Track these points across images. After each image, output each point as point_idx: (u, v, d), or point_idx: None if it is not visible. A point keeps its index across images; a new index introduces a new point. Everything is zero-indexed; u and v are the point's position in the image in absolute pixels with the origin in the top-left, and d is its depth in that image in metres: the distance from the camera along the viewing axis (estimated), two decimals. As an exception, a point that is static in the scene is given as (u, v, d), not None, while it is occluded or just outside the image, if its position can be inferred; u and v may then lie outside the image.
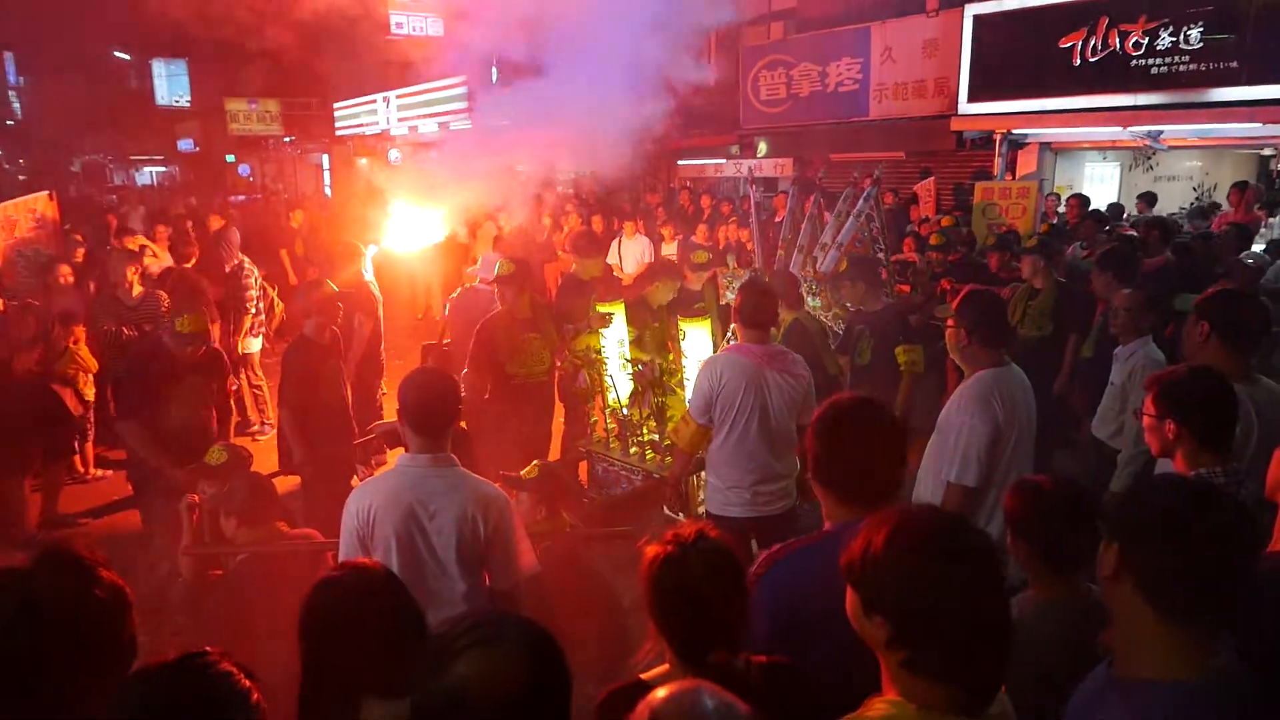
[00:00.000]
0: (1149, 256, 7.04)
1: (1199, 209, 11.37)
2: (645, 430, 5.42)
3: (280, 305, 8.30)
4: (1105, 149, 13.10)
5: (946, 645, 1.39)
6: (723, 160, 16.57)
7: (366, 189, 11.08)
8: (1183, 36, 9.65)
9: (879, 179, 6.81)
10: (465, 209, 8.15)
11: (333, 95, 25.49)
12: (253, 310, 7.72)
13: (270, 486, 3.53)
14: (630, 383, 5.53)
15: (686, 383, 5.21)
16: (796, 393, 3.86)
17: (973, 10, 11.59)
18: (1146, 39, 9.91)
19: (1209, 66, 9.53)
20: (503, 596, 2.83)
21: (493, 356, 5.32)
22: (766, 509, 3.88)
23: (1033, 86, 11.13)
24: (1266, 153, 11.61)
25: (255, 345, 7.83)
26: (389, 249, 7.87)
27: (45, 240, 7.81)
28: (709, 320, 5.40)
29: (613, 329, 5.65)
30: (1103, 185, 13.40)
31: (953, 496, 3.19)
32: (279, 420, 5.19)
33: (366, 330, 6.68)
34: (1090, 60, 10.43)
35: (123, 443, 5.16)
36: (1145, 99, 10.06)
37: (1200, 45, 9.54)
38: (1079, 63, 10.52)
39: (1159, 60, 9.89)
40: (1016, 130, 12.06)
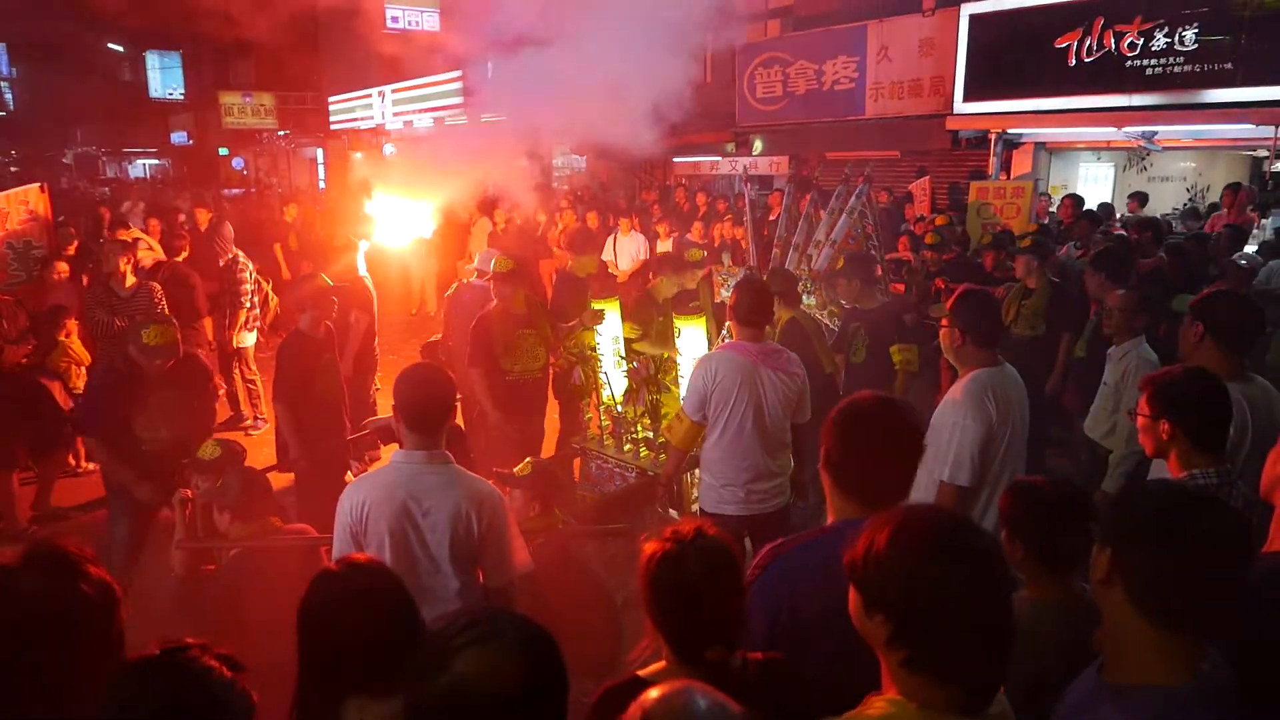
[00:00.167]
0: (1142, 257, 7.06)
1: (1191, 210, 11.42)
2: (639, 427, 5.41)
3: (275, 299, 8.28)
4: (1100, 149, 13.13)
5: (947, 644, 1.39)
6: (718, 158, 16.56)
7: (358, 183, 11.02)
8: (1178, 37, 9.66)
9: (870, 176, 6.82)
10: (465, 191, 8.08)
11: (328, 89, 25.44)
12: (247, 304, 7.70)
13: (264, 482, 3.53)
14: (625, 379, 5.52)
15: (681, 380, 5.20)
16: (791, 391, 3.86)
17: (969, 10, 11.60)
18: (1142, 40, 9.92)
19: (1204, 68, 9.55)
20: (496, 594, 2.82)
21: (488, 353, 5.32)
22: (760, 507, 3.87)
23: (1028, 86, 11.14)
24: (1260, 154, 11.64)
25: (250, 339, 7.82)
26: (381, 244, 7.84)
27: (36, 233, 7.77)
28: (704, 318, 5.40)
29: (607, 326, 5.64)
30: (1097, 185, 13.43)
31: (945, 496, 3.19)
32: (275, 415, 5.16)
33: (362, 326, 6.67)
34: (1085, 60, 10.44)
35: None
36: (1140, 99, 10.08)
37: (1195, 46, 9.55)
38: (1074, 63, 10.53)
39: (1154, 61, 9.91)
40: (1012, 130, 12.08)
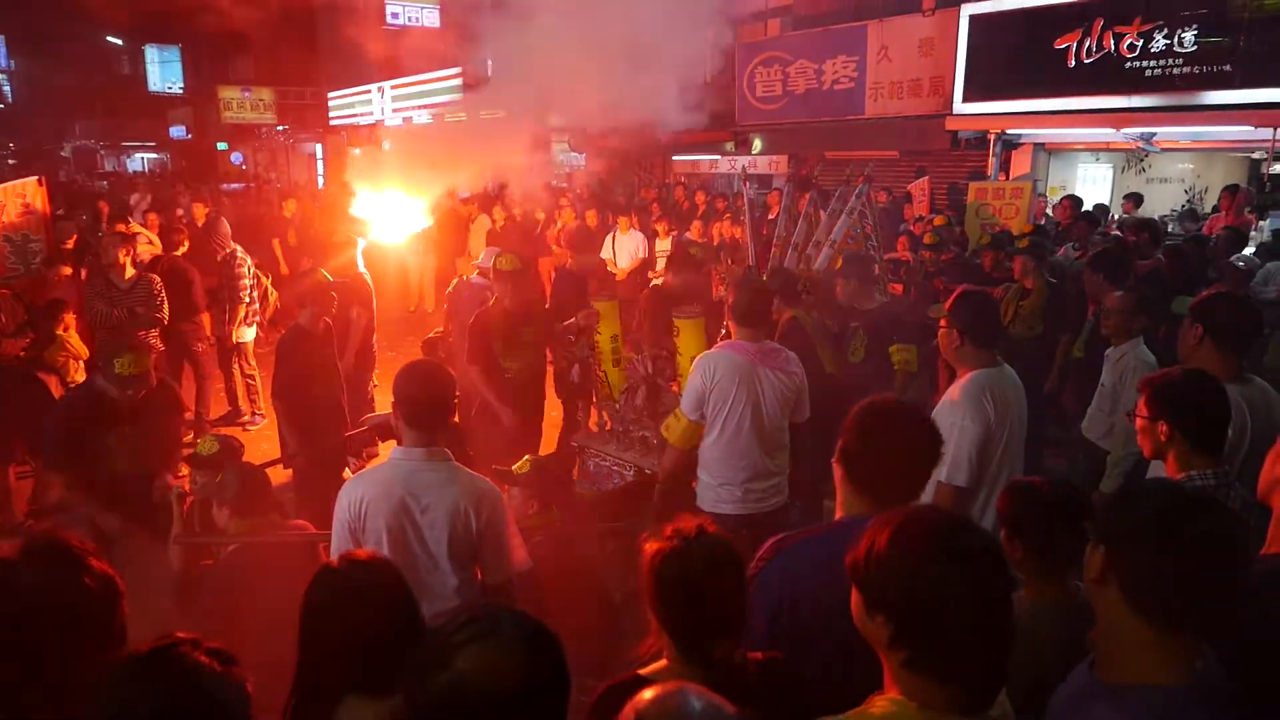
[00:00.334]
0: (1140, 259, 7.07)
1: (1189, 211, 11.44)
2: (638, 426, 5.41)
3: (275, 294, 8.27)
4: (1098, 150, 13.14)
5: (947, 645, 1.40)
6: (717, 156, 16.55)
7: (342, 186, 11.03)
8: (1177, 39, 9.68)
9: (870, 177, 6.81)
10: (466, 182, 8.05)
11: (327, 84, 25.40)
12: (245, 299, 7.69)
13: (264, 477, 3.53)
14: (621, 377, 5.52)
15: (680, 379, 5.20)
16: (790, 390, 3.85)
17: (969, 10, 11.61)
18: (1141, 41, 9.94)
19: (1203, 69, 9.57)
20: (495, 591, 2.82)
21: (486, 350, 5.31)
22: (758, 506, 3.87)
23: (1027, 87, 11.15)
24: (1257, 156, 11.66)
25: (249, 335, 7.80)
26: (378, 241, 7.83)
27: (34, 226, 7.75)
28: (702, 320, 5.39)
29: (606, 324, 5.64)
30: (1095, 187, 13.44)
31: (943, 496, 3.19)
32: (275, 411, 5.15)
33: (362, 322, 6.67)
34: (1085, 62, 10.46)
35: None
36: (1139, 101, 10.10)
37: (1194, 48, 9.57)
38: (1074, 64, 10.54)
39: (1153, 62, 9.92)
40: (1011, 130, 12.10)
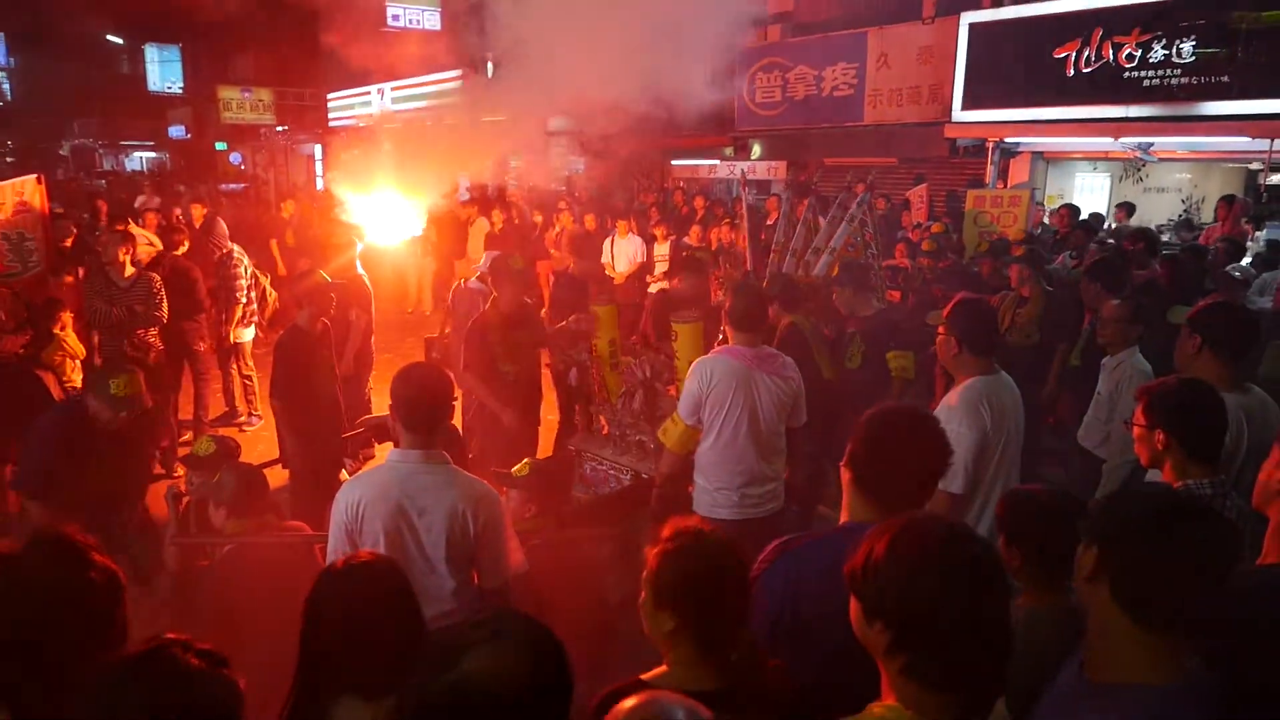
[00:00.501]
0: (1137, 268, 7.08)
1: (1185, 221, 11.48)
2: (635, 430, 5.41)
3: (274, 295, 8.26)
4: (1096, 159, 13.19)
5: (944, 652, 1.39)
6: (717, 161, 16.58)
7: (324, 195, 11.04)
8: (1175, 50, 9.72)
9: (872, 184, 6.84)
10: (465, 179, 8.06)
11: (327, 85, 25.38)
12: (243, 300, 7.68)
13: (262, 478, 3.51)
14: (618, 380, 5.53)
15: (678, 383, 5.20)
16: (786, 395, 3.86)
17: (968, 18, 11.66)
18: (1139, 51, 9.98)
19: (1201, 80, 9.61)
20: (492, 594, 2.82)
21: (486, 356, 5.30)
22: (754, 511, 3.86)
23: (1026, 96, 11.20)
24: (1254, 167, 11.71)
25: (247, 335, 7.78)
26: (374, 243, 7.84)
27: (30, 225, 7.72)
28: (700, 322, 5.40)
29: (604, 328, 5.64)
30: (1093, 196, 13.48)
31: (939, 504, 3.19)
32: (273, 412, 5.14)
33: (361, 324, 6.66)
34: (1084, 71, 10.50)
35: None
36: (1137, 111, 10.15)
37: (1192, 59, 9.62)
38: (1072, 73, 10.59)
39: (1151, 73, 9.96)
40: (1009, 139, 12.13)
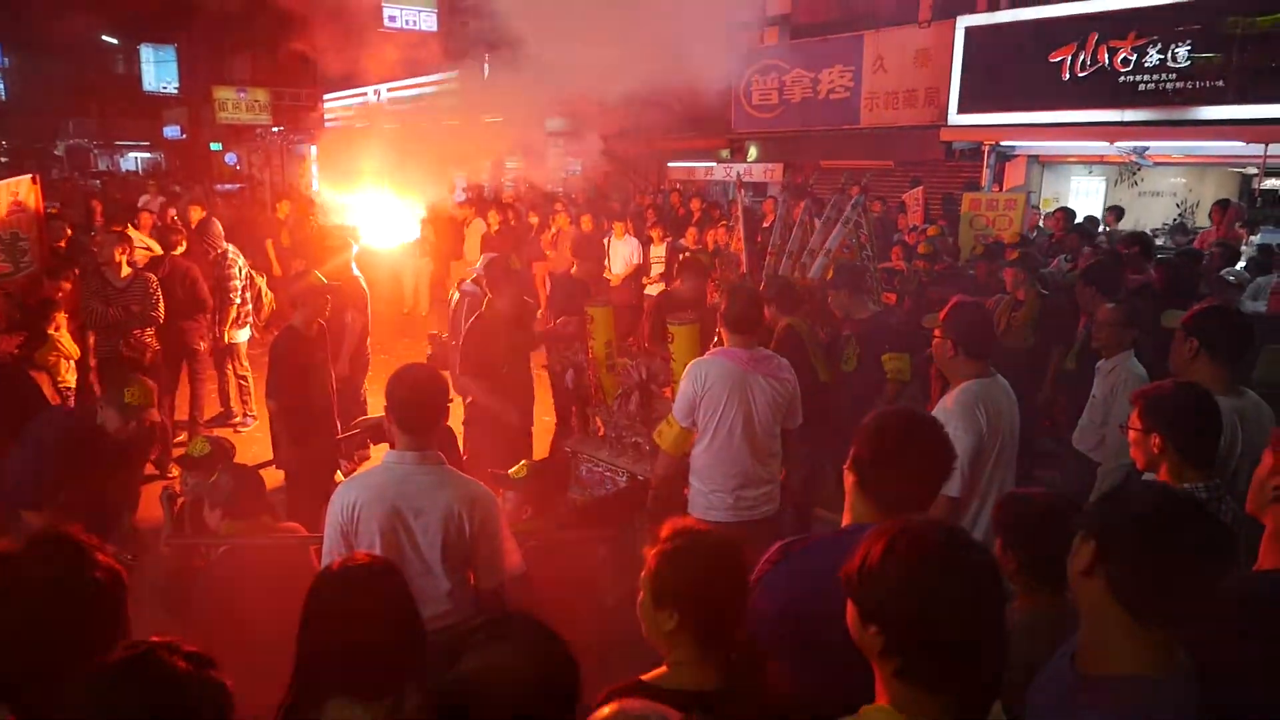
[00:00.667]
0: (1132, 272, 7.08)
1: (1179, 225, 11.51)
2: (631, 432, 5.40)
3: (270, 295, 8.24)
4: (1091, 163, 13.22)
5: (938, 655, 1.39)
6: (713, 164, 16.59)
7: (305, 199, 11.01)
8: (1171, 54, 9.76)
9: (866, 187, 6.84)
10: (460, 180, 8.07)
11: (323, 86, 25.34)
12: (238, 300, 7.66)
13: (257, 479, 3.51)
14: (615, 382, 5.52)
15: (674, 384, 5.20)
16: (782, 397, 3.86)
17: (965, 22, 11.69)
18: (1135, 56, 10.01)
19: (1196, 84, 9.65)
20: (488, 595, 2.82)
21: (485, 358, 5.28)
22: (749, 514, 3.86)
23: (1022, 99, 11.22)
24: (1249, 171, 11.75)
25: (242, 336, 7.76)
26: (369, 245, 7.83)
27: (24, 225, 7.70)
28: (697, 324, 5.40)
29: (600, 330, 5.63)
30: (1088, 199, 13.51)
31: (937, 507, 3.19)
32: (268, 413, 5.13)
33: (357, 326, 6.64)
34: (1079, 75, 10.53)
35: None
36: (1132, 115, 10.17)
37: (1188, 63, 9.65)
38: (1068, 77, 10.62)
39: (1147, 77, 10.00)
40: (1005, 142, 12.17)
